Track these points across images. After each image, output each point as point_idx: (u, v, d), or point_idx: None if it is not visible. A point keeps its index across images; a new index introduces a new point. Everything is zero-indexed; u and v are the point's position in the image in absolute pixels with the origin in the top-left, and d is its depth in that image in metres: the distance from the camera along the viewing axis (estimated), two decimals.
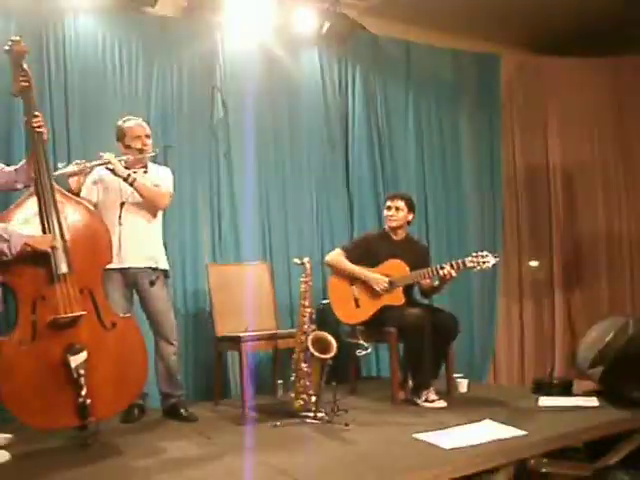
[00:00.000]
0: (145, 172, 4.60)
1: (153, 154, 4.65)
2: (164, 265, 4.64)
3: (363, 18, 6.36)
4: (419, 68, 6.77)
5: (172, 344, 4.62)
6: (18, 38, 3.92)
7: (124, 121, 4.66)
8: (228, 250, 5.69)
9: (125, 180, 4.36)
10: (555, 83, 7.22)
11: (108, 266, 4.19)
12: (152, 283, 4.50)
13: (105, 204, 4.51)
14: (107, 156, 4.36)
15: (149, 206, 4.52)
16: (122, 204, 4.46)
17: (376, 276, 5.06)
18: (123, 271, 4.47)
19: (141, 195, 4.44)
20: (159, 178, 4.62)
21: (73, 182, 4.38)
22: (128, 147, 4.57)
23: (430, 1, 6.19)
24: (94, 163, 4.36)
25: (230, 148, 5.76)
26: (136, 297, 4.64)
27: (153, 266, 4.54)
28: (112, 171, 4.35)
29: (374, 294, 5.06)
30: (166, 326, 4.60)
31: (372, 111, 6.51)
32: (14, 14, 4.97)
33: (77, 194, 4.38)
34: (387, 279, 5.04)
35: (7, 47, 3.90)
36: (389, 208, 5.24)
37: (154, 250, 4.59)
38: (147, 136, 4.65)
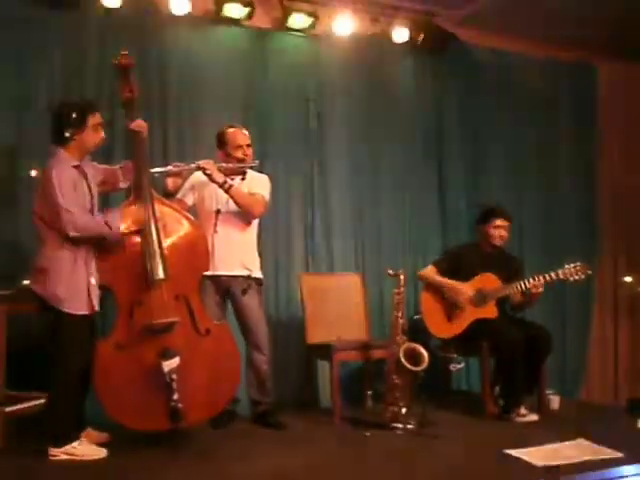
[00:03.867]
0: (243, 179, 4.64)
1: (253, 164, 4.67)
2: (257, 274, 4.67)
3: (457, 29, 6.31)
4: (513, 79, 6.66)
5: (264, 354, 4.63)
6: (126, 52, 4.06)
7: (227, 127, 4.71)
8: (321, 262, 5.73)
9: (221, 186, 4.40)
10: None
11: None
12: (244, 292, 4.55)
13: (201, 211, 4.60)
14: (204, 162, 4.41)
15: (244, 213, 4.56)
16: (218, 212, 4.52)
17: (461, 286, 5.02)
18: (215, 278, 4.52)
19: (236, 202, 4.47)
20: (256, 185, 4.65)
21: (170, 182, 4.47)
22: (229, 155, 4.61)
23: (523, 10, 6.06)
24: (192, 166, 4.43)
25: (324, 160, 5.80)
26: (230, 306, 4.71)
27: (246, 274, 4.58)
28: (209, 177, 4.40)
29: (466, 308, 5.01)
30: (258, 335, 4.62)
31: (466, 122, 6.45)
32: (114, 25, 5.15)
33: (173, 195, 4.47)
34: (471, 290, 4.99)
35: (115, 60, 4.05)
36: (497, 227, 5.14)
37: (248, 258, 4.62)
38: (248, 145, 4.68)
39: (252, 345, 4.64)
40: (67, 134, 3.81)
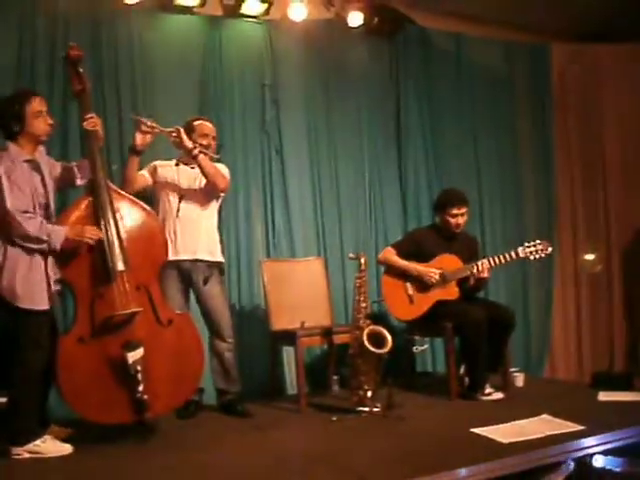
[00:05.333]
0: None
1: (217, 157, 4.68)
2: (219, 258, 4.68)
3: (412, 11, 6.30)
4: (469, 60, 6.69)
5: (227, 341, 4.63)
6: (74, 44, 4.03)
7: (193, 119, 4.76)
8: (282, 247, 5.71)
9: (189, 152, 4.45)
10: (610, 71, 7.05)
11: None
12: (206, 280, 4.55)
13: (161, 195, 4.61)
14: (177, 127, 4.47)
15: (210, 185, 4.56)
16: (181, 197, 4.54)
17: (427, 269, 5.02)
18: (178, 265, 4.51)
19: (202, 170, 4.48)
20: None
21: (139, 138, 4.38)
22: (194, 143, 4.59)
23: None
24: (164, 129, 4.44)
25: (282, 145, 5.78)
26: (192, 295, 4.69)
27: (209, 259, 4.58)
28: (180, 142, 4.45)
29: (427, 290, 5.03)
30: (221, 323, 4.62)
31: (424, 104, 6.47)
32: (66, 16, 5.05)
33: (139, 152, 4.43)
34: (437, 271, 5.01)
35: (63, 52, 4.01)
36: (455, 215, 5.10)
37: (210, 243, 4.64)
38: (214, 137, 4.73)
39: (216, 333, 4.63)
40: (11, 127, 3.75)
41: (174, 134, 4.46)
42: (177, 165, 4.65)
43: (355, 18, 5.99)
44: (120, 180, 4.46)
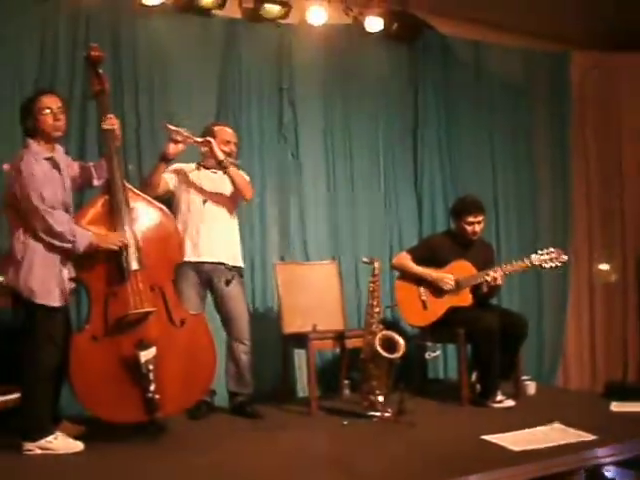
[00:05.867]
0: (225, 173, 4.59)
1: (237, 162, 4.68)
2: (240, 262, 4.71)
3: (431, 17, 6.31)
4: (488, 68, 6.69)
5: (245, 344, 4.65)
6: (95, 44, 4.07)
7: (213, 124, 4.78)
8: (296, 250, 5.72)
9: (220, 163, 4.48)
10: (630, 80, 7.01)
11: (186, 259, 4.36)
12: (228, 282, 4.56)
13: (184, 199, 4.61)
14: (209, 139, 4.50)
15: (237, 193, 4.59)
16: (204, 201, 4.57)
17: (442, 275, 5.02)
18: (199, 266, 4.54)
19: (233, 181, 4.52)
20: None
21: (171, 147, 4.42)
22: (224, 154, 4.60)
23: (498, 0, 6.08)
24: (197, 140, 4.48)
25: (298, 149, 5.79)
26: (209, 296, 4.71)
27: (230, 263, 4.60)
28: (211, 151, 4.48)
29: (441, 296, 5.02)
30: (240, 326, 4.63)
31: (441, 111, 6.46)
32: (87, 16, 5.08)
33: (169, 161, 4.47)
34: (453, 277, 5.00)
35: (85, 53, 4.05)
36: (471, 223, 5.09)
37: (232, 247, 4.67)
38: (235, 144, 4.75)
39: (233, 336, 4.64)
40: (27, 125, 3.80)
41: (206, 145, 4.49)
42: (198, 169, 4.67)
43: (374, 23, 6.00)
44: (138, 180, 4.49)
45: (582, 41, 6.96)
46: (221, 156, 4.49)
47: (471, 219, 5.10)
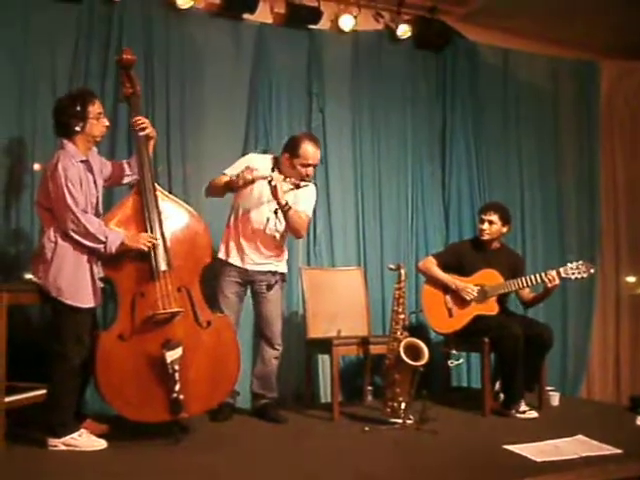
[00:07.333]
0: (293, 189, 4.49)
1: (306, 185, 4.55)
2: (284, 269, 4.71)
3: (460, 25, 6.32)
4: (516, 76, 6.68)
5: (276, 349, 4.66)
6: (128, 48, 4.14)
7: (307, 139, 4.59)
8: (322, 256, 5.72)
9: (281, 207, 4.31)
10: None
11: (231, 261, 4.43)
12: (270, 287, 4.57)
13: (243, 203, 4.54)
14: (276, 176, 4.31)
15: (290, 232, 4.56)
16: (276, 211, 4.39)
17: (465, 285, 5.01)
18: (243, 269, 4.54)
19: (288, 223, 4.43)
20: (303, 198, 4.58)
21: (240, 182, 4.32)
22: (293, 167, 4.51)
23: (528, 7, 6.05)
24: (262, 176, 4.33)
25: (326, 154, 5.78)
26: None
27: (276, 270, 4.60)
28: (274, 192, 4.27)
29: (467, 304, 5.01)
30: (273, 329, 4.64)
31: (469, 119, 6.45)
32: (120, 18, 5.12)
33: (232, 190, 4.45)
34: (476, 288, 4.99)
35: (117, 57, 4.12)
36: (482, 221, 5.14)
37: (280, 254, 4.66)
38: (316, 165, 4.64)
39: (266, 339, 4.66)
40: (72, 126, 3.81)
41: (272, 183, 4.26)
42: (270, 182, 4.31)
43: (404, 30, 6.02)
44: (167, 181, 4.50)
45: (611, 50, 6.92)
46: (283, 201, 4.30)
47: (482, 217, 5.14)
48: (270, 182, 4.27)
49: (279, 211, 4.37)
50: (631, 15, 6.09)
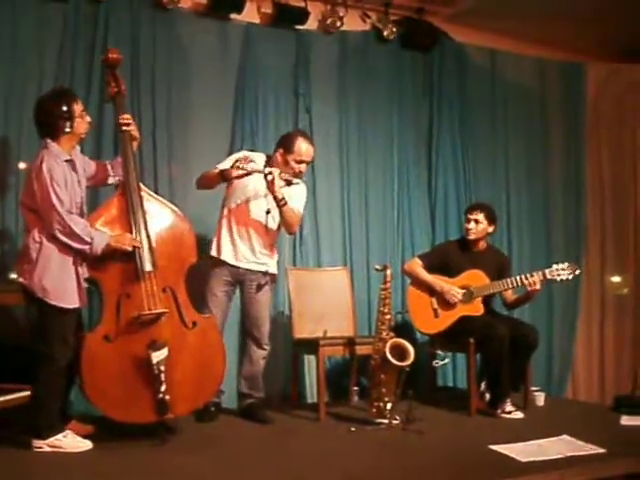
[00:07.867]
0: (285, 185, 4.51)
1: (297, 182, 4.61)
2: (275, 270, 4.69)
3: (447, 25, 6.33)
4: (503, 77, 6.69)
5: (264, 349, 4.67)
6: (114, 48, 4.13)
7: (301, 136, 4.65)
8: (308, 256, 5.71)
9: (276, 199, 4.32)
10: None
11: (223, 259, 4.43)
12: (259, 287, 4.57)
13: (237, 197, 4.54)
14: (274, 170, 4.30)
15: (284, 227, 4.58)
16: (268, 211, 4.43)
17: (449, 287, 5.02)
18: (234, 268, 4.53)
19: (283, 218, 4.45)
20: (295, 195, 4.58)
21: (234, 172, 4.31)
22: (287, 163, 4.54)
23: (515, 8, 6.07)
24: (260, 170, 4.33)
25: (314, 155, 5.78)
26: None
27: (266, 270, 4.59)
28: (270, 186, 4.28)
29: (453, 305, 5.02)
30: (261, 330, 4.64)
31: (456, 119, 6.46)
32: (106, 16, 5.09)
33: (226, 180, 4.42)
34: (460, 291, 5.00)
35: (103, 56, 4.11)
36: (468, 220, 5.15)
37: (271, 254, 4.66)
38: (309, 163, 4.68)
39: (254, 339, 4.66)
40: (61, 127, 3.78)
41: (269, 177, 4.27)
42: (267, 176, 4.32)
43: (391, 31, 6.01)
44: (153, 182, 4.49)
45: (598, 52, 6.96)
46: (279, 195, 4.31)
47: (468, 216, 5.16)
48: (267, 175, 4.28)
49: (272, 210, 4.39)
50: (618, 17, 6.13)
